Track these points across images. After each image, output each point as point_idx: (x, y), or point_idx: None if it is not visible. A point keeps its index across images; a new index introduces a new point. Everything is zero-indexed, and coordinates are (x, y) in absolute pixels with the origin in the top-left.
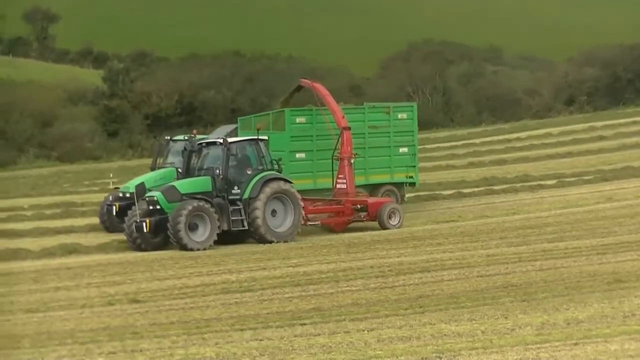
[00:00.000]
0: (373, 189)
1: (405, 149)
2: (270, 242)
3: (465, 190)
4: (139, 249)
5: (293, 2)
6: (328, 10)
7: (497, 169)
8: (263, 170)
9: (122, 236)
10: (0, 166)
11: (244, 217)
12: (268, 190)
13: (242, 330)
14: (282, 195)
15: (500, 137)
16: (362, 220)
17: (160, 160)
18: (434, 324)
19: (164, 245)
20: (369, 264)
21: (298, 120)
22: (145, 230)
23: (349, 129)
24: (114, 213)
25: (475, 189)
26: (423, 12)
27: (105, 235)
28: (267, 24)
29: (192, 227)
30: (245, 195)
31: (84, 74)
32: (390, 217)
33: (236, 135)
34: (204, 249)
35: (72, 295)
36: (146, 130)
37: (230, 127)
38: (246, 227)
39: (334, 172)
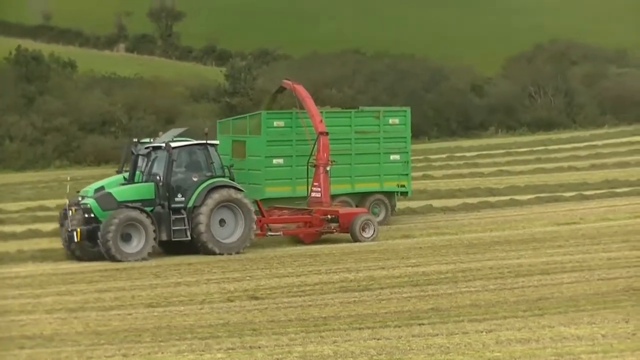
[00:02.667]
0: (361, 198)
1: (396, 156)
2: (214, 253)
3: (587, 193)
4: (77, 258)
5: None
6: (453, 7)
7: (619, 172)
8: (211, 177)
9: None
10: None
11: (187, 226)
12: (215, 198)
13: (360, 329)
14: (232, 204)
15: (624, 140)
16: (333, 232)
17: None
18: (553, 327)
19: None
20: (488, 265)
21: (276, 123)
22: (75, 240)
23: (327, 134)
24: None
25: (597, 192)
26: (552, 12)
27: None
28: (390, 22)
29: (126, 238)
30: (190, 204)
31: (206, 71)
32: (363, 230)
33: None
34: (140, 260)
35: (192, 291)
36: None
37: (178, 131)
38: (189, 238)
39: (309, 179)
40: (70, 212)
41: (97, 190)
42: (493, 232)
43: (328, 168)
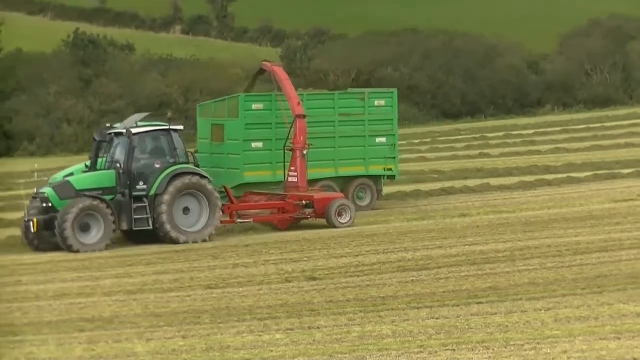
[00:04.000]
0: (345, 182)
1: (382, 139)
2: (178, 242)
3: None
4: (37, 249)
5: None
6: None
7: None
8: (175, 164)
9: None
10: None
11: (149, 215)
12: (178, 185)
13: (418, 308)
14: (196, 192)
15: None
16: (307, 218)
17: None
18: (612, 305)
19: None
20: (546, 244)
21: (254, 107)
22: (32, 230)
23: (304, 117)
24: None
25: None
26: None
27: None
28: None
29: (84, 228)
30: (152, 192)
31: (262, 52)
32: (339, 215)
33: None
34: (98, 251)
35: (251, 272)
36: None
37: (142, 116)
38: (151, 227)
39: (286, 163)
40: (30, 201)
41: (66, 177)
42: (551, 210)
43: (305, 152)
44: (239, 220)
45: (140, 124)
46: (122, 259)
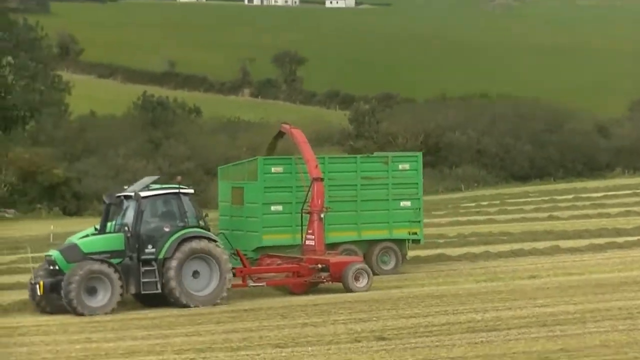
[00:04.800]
0: (369, 245)
1: (407, 203)
2: (187, 306)
3: None
4: (44, 311)
5: (540, 46)
6: (576, 53)
7: None
8: (184, 227)
9: None
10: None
11: (157, 278)
12: (187, 249)
13: None
14: (205, 256)
15: None
16: (323, 282)
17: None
18: None
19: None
20: (617, 306)
21: (274, 169)
22: (38, 293)
23: (322, 180)
24: None
25: None
26: None
27: None
28: (513, 66)
29: (91, 291)
30: (161, 255)
31: (330, 115)
32: (356, 279)
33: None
34: (105, 314)
35: (319, 332)
36: None
37: (152, 179)
38: (159, 290)
39: (303, 226)
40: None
41: (83, 237)
42: (621, 273)
43: (322, 215)
44: (252, 284)
45: (151, 186)
46: (192, 317)
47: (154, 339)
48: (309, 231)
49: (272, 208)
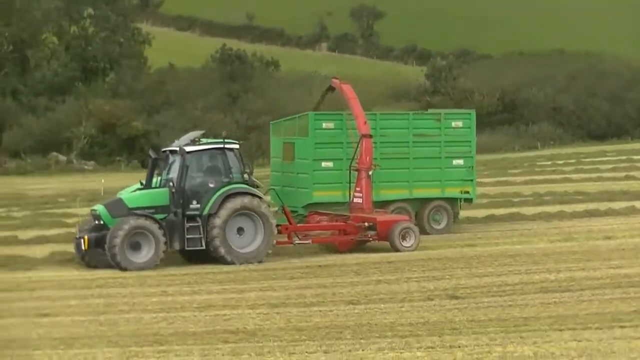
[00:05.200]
0: (421, 204)
1: (460, 161)
2: (231, 263)
3: None
4: (89, 265)
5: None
6: None
7: None
8: (229, 183)
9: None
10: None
11: (201, 235)
12: (230, 206)
13: (560, 330)
14: (250, 212)
15: None
16: (369, 240)
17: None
18: None
19: None
20: None
21: (325, 125)
22: (83, 248)
23: (370, 136)
24: None
25: None
26: None
27: None
28: (593, 21)
29: (135, 246)
30: (205, 211)
31: (407, 70)
32: (403, 238)
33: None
34: (148, 270)
35: (393, 289)
36: None
37: (196, 134)
38: (203, 247)
39: (352, 184)
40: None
41: (134, 191)
42: None
43: (370, 173)
44: (297, 242)
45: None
46: (267, 273)
47: (229, 293)
48: (357, 189)
49: (323, 164)
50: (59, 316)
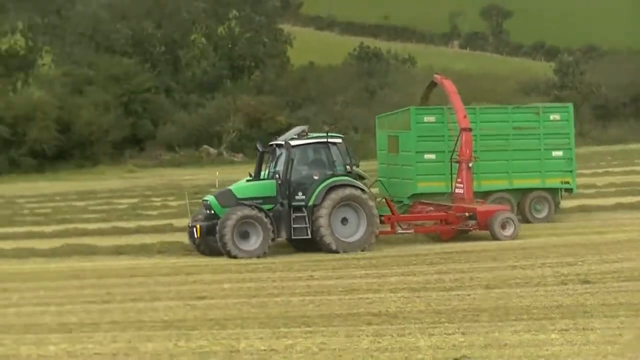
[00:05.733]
0: (522, 194)
1: (559, 153)
2: (336, 252)
3: None
4: (203, 253)
5: None
6: None
7: None
8: (333, 176)
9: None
10: None
11: (307, 224)
12: (335, 197)
13: None
14: (353, 203)
15: None
16: (470, 230)
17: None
18: None
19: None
20: None
21: (426, 119)
22: (195, 236)
23: (470, 130)
24: None
25: None
26: None
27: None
28: None
29: (244, 235)
30: (310, 202)
31: (536, 66)
32: (503, 228)
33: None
34: (256, 257)
35: (527, 274)
36: (594, 120)
37: (302, 128)
38: (309, 236)
39: (453, 175)
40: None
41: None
42: None
43: (470, 165)
44: (400, 231)
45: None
46: (407, 258)
47: (371, 277)
48: (458, 180)
49: (425, 156)
50: (214, 299)
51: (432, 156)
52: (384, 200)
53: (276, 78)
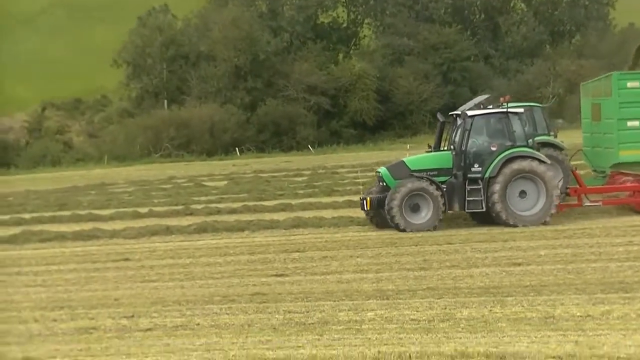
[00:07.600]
0: None
1: None
2: (514, 226)
3: None
4: (378, 225)
5: None
6: None
7: None
8: (511, 147)
9: None
10: None
11: (482, 197)
12: (512, 169)
13: None
14: (531, 175)
15: None
16: None
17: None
18: None
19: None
20: None
21: (629, 85)
22: (366, 208)
23: None
24: None
25: None
26: None
27: None
28: None
29: (414, 208)
30: (486, 174)
31: None
32: None
33: (488, 107)
34: (425, 230)
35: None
36: None
37: (481, 98)
38: (483, 209)
39: None
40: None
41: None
42: None
43: None
44: (587, 204)
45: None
46: (627, 229)
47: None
48: None
49: (628, 124)
50: (530, 265)
51: (636, 123)
52: (597, 170)
53: (598, 41)
